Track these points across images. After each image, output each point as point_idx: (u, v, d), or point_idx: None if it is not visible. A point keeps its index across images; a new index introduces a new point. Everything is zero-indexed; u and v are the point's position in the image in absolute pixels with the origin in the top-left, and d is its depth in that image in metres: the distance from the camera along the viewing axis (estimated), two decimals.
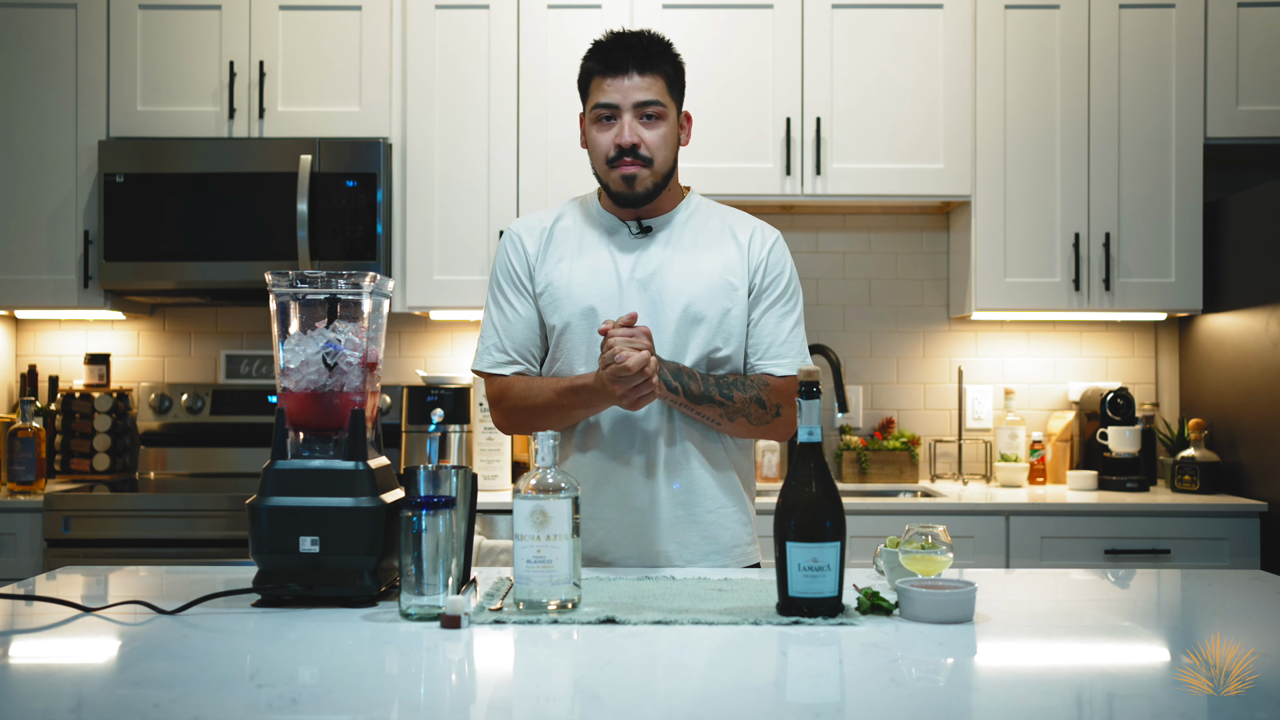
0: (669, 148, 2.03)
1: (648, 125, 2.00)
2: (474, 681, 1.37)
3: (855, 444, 3.75)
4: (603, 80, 2.01)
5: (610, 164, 2.01)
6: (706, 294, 2.02)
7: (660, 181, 2.03)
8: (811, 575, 1.56)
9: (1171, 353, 3.86)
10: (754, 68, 3.51)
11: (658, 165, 2.01)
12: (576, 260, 2.06)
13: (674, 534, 2.03)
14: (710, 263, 2.05)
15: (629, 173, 2.00)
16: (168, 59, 3.52)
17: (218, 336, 3.88)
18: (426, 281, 3.51)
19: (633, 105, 1.99)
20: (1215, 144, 3.53)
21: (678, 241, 2.07)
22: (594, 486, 2.03)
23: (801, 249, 3.89)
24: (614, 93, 1.99)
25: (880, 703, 1.24)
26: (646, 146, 2.00)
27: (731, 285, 2.04)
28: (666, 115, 2.02)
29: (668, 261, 2.04)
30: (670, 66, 2.04)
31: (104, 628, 1.54)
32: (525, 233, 2.11)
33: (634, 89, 1.99)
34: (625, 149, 1.99)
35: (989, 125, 3.52)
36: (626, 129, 1.99)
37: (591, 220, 2.11)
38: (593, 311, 2.02)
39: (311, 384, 1.72)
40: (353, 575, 1.66)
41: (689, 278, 2.03)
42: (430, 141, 3.52)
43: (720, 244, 2.08)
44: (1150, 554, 3.22)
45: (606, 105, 2.01)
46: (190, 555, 3.13)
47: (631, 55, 1.99)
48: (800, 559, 1.56)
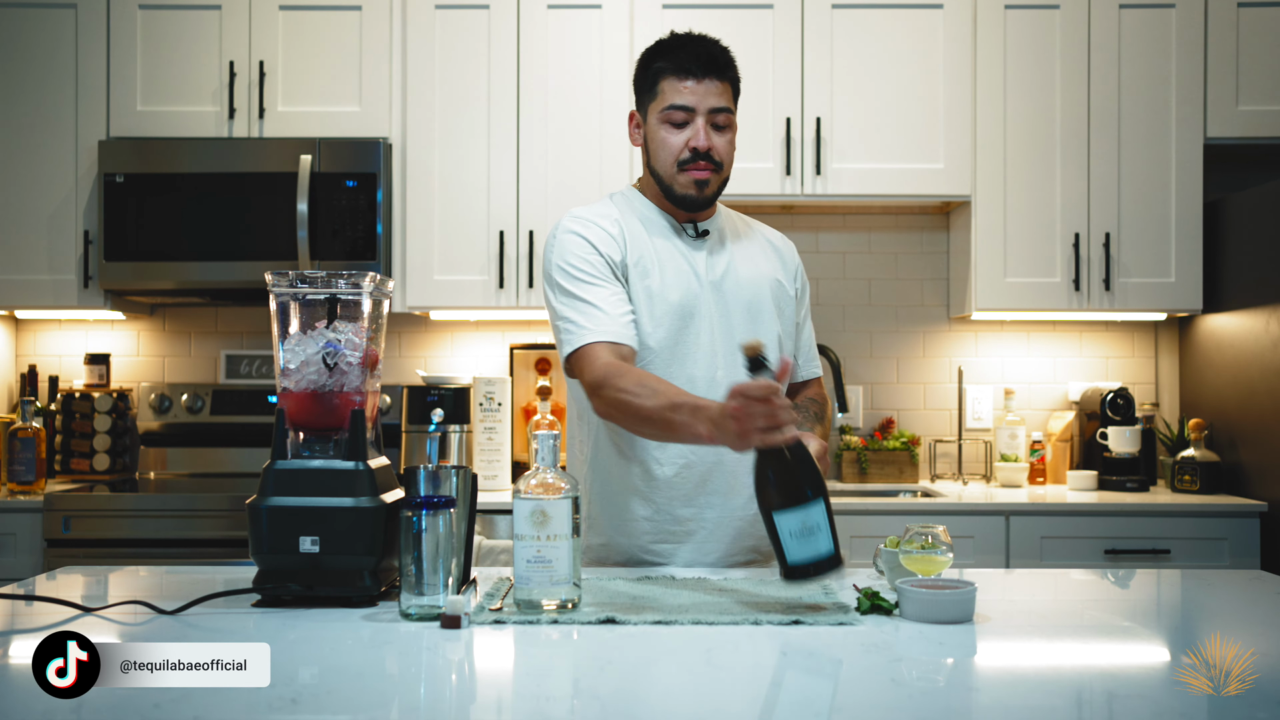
0: (732, 154, 2.06)
1: (718, 132, 2.01)
2: (474, 681, 1.37)
3: (855, 444, 3.75)
4: (679, 82, 2.00)
5: (681, 166, 2.01)
6: (768, 295, 2.09)
7: (720, 188, 2.05)
8: (804, 539, 1.56)
9: (1171, 353, 3.86)
10: (754, 68, 3.50)
11: (724, 171, 2.04)
12: (661, 254, 2.03)
13: (757, 530, 2.02)
14: (764, 266, 2.12)
15: (702, 177, 2.00)
16: (168, 59, 3.52)
17: (218, 336, 3.88)
18: (426, 281, 3.51)
19: (708, 110, 2.00)
20: (1215, 144, 3.53)
21: (731, 245, 2.11)
22: (696, 487, 2.01)
23: (801, 249, 3.83)
24: (690, 95, 1.99)
25: (880, 703, 1.24)
26: (717, 152, 2.01)
27: (783, 286, 2.13)
28: (733, 124, 2.04)
29: (732, 264, 2.08)
30: (736, 74, 2.06)
31: (104, 628, 1.54)
32: (602, 219, 2.03)
33: (709, 94, 2.00)
34: (701, 153, 1.99)
35: (989, 125, 3.52)
36: (702, 133, 1.99)
37: (651, 221, 2.08)
38: (682, 308, 2.01)
39: (311, 384, 1.72)
40: (353, 575, 1.66)
41: (751, 280, 2.08)
42: (430, 141, 3.52)
43: (763, 248, 2.15)
44: (1150, 554, 3.22)
45: (681, 108, 2.00)
46: (190, 555, 3.13)
47: (709, 59, 2.01)
48: (790, 526, 1.56)
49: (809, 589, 1.76)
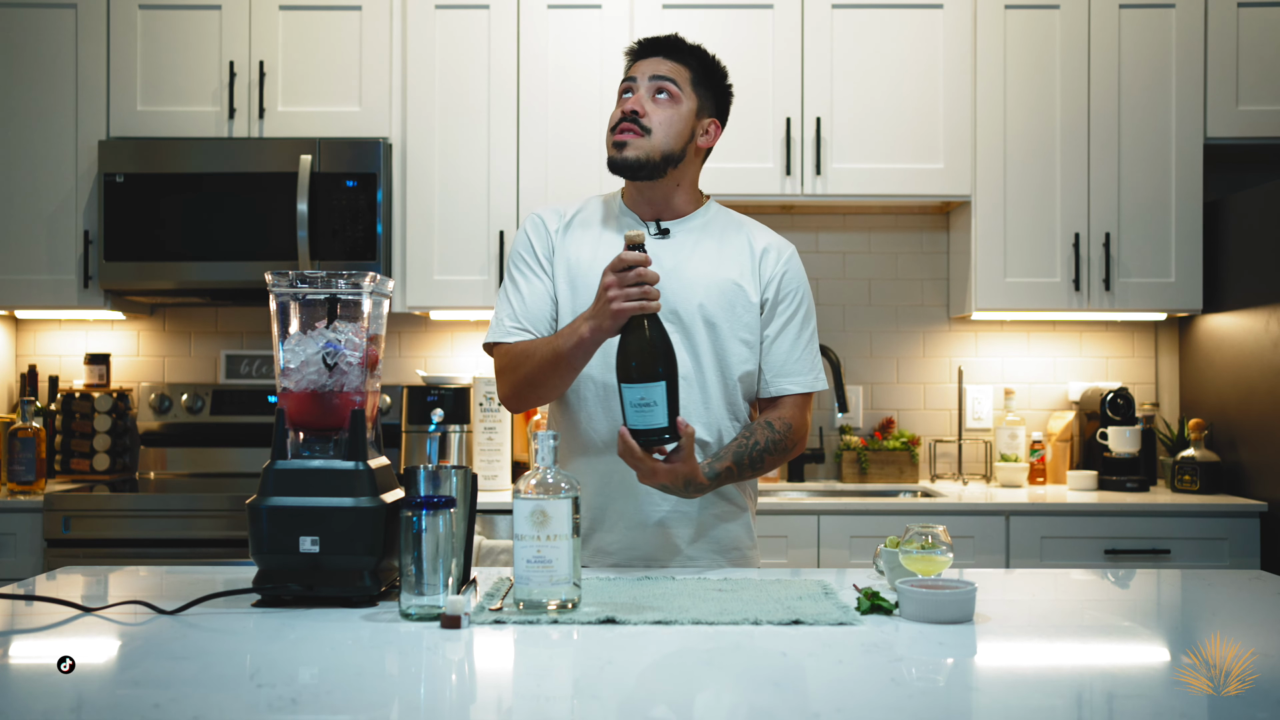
0: (673, 129, 2.02)
1: (658, 102, 2.02)
2: (474, 681, 1.37)
3: (855, 444, 3.75)
4: (631, 64, 2.08)
5: (613, 130, 2.04)
6: (718, 298, 2.03)
7: (657, 161, 2.01)
8: (643, 410, 1.76)
9: (1171, 353, 3.86)
10: (754, 67, 3.50)
11: (655, 139, 2.00)
12: (597, 248, 2.07)
13: (676, 535, 2.03)
14: (724, 268, 2.06)
15: (623, 139, 2.01)
16: (168, 59, 3.52)
17: (218, 336, 3.88)
18: (426, 281, 3.51)
19: (648, 78, 2.03)
20: (1215, 144, 3.53)
21: (694, 245, 2.07)
22: (599, 490, 2.04)
23: (801, 249, 3.84)
24: (634, 70, 2.06)
25: (880, 703, 1.24)
26: (648, 117, 2.01)
27: (743, 291, 2.05)
28: (680, 99, 2.03)
29: (682, 263, 2.05)
30: (697, 62, 2.07)
31: (104, 628, 1.54)
32: (548, 215, 2.14)
33: (653, 65, 2.04)
34: (627, 115, 2.01)
35: (989, 125, 3.52)
36: (635, 99, 2.03)
37: (612, 215, 2.11)
38: None
39: (311, 384, 1.72)
40: (353, 575, 1.66)
41: (701, 280, 2.04)
42: (430, 141, 3.52)
43: (735, 251, 2.08)
44: (1150, 554, 3.22)
45: (627, 79, 2.06)
46: (190, 555, 3.13)
47: (662, 42, 2.07)
48: (632, 397, 1.77)
49: (809, 589, 1.77)
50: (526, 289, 2.07)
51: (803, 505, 3.28)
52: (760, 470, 2.03)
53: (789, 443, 2.05)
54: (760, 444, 2.01)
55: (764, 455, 2.01)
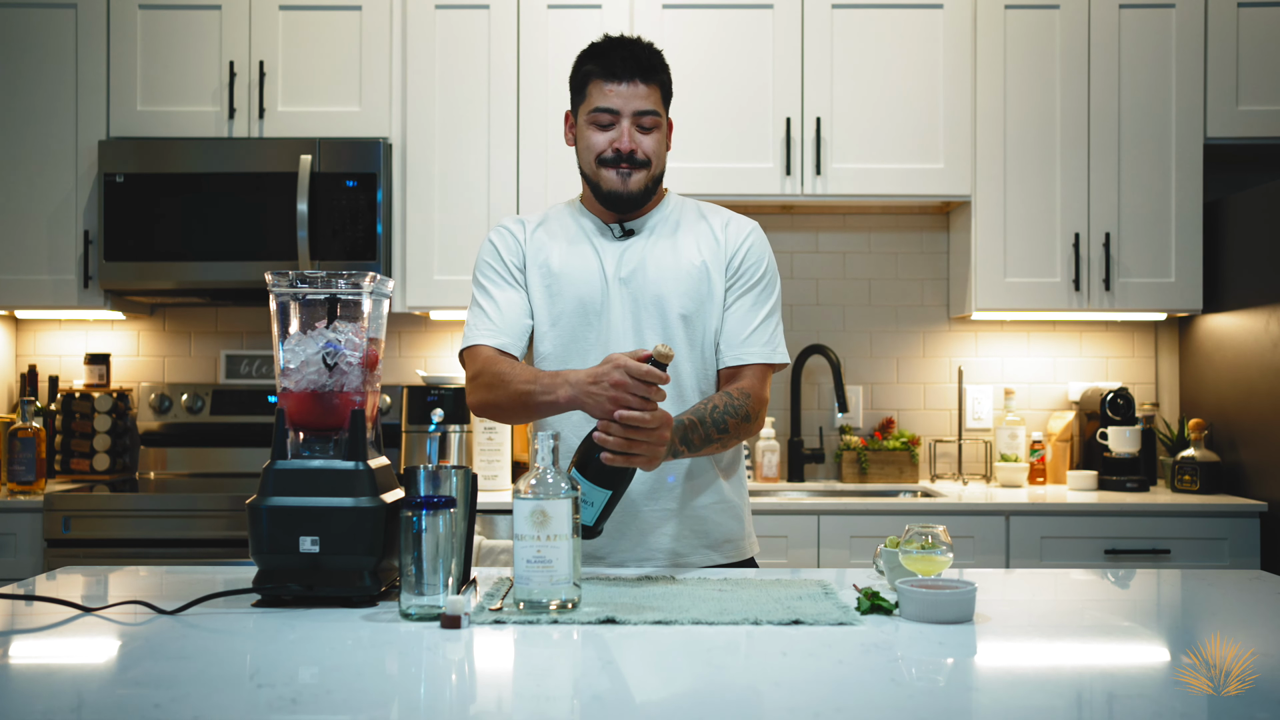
0: (662, 151, 2.08)
1: (644, 133, 2.05)
2: (474, 681, 1.37)
3: (855, 444, 3.75)
4: (603, 85, 2.04)
5: (603, 163, 2.04)
6: (686, 288, 2.05)
7: (652, 185, 2.07)
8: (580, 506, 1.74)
9: (1171, 353, 3.86)
10: (754, 67, 3.51)
11: (654, 169, 2.06)
12: (566, 255, 2.09)
13: (666, 528, 2.04)
14: (688, 256, 2.08)
15: (626, 173, 2.04)
16: (168, 59, 3.52)
17: (218, 336, 3.88)
18: (426, 281, 3.51)
19: (633, 113, 2.03)
20: (1215, 144, 3.53)
21: (657, 240, 2.10)
22: None
23: (802, 249, 3.89)
24: (615, 99, 2.03)
25: (880, 703, 1.24)
26: (643, 151, 2.04)
27: (709, 274, 2.07)
28: (660, 124, 2.07)
29: (649, 258, 2.07)
30: (665, 76, 2.09)
31: (104, 628, 1.54)
32: (513, 225, 2.15)
33: (635, 97, 2.03)
34: (624, 154, 2.03)
35: (989, 125, 3.52)
36: (626, 135, 2.03)
37: (575, 224, 2.14)
38: (582, 306, 2.06)
39: (311, 384, 1.72)
40: (353, 575, 1.66)
41: (668, 274, 2.06)
42: (430, 141, 3.52)
43: (696, 237, 2.10)
44: (1150, 554, 3.22)
45: (607, 110, 2.03)
46: (190, 555, 3.13)
47: (635, 63, 2.03)
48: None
49: (809, 589, 1.77)
50: (502, 298, 2.07)
51: (803, 505, 3.29)
52: (726, 436, 1.98)
53: (748, 410, 2.01)
54: (719, 407, 1.98)
55: (724, 418, 1.97)
